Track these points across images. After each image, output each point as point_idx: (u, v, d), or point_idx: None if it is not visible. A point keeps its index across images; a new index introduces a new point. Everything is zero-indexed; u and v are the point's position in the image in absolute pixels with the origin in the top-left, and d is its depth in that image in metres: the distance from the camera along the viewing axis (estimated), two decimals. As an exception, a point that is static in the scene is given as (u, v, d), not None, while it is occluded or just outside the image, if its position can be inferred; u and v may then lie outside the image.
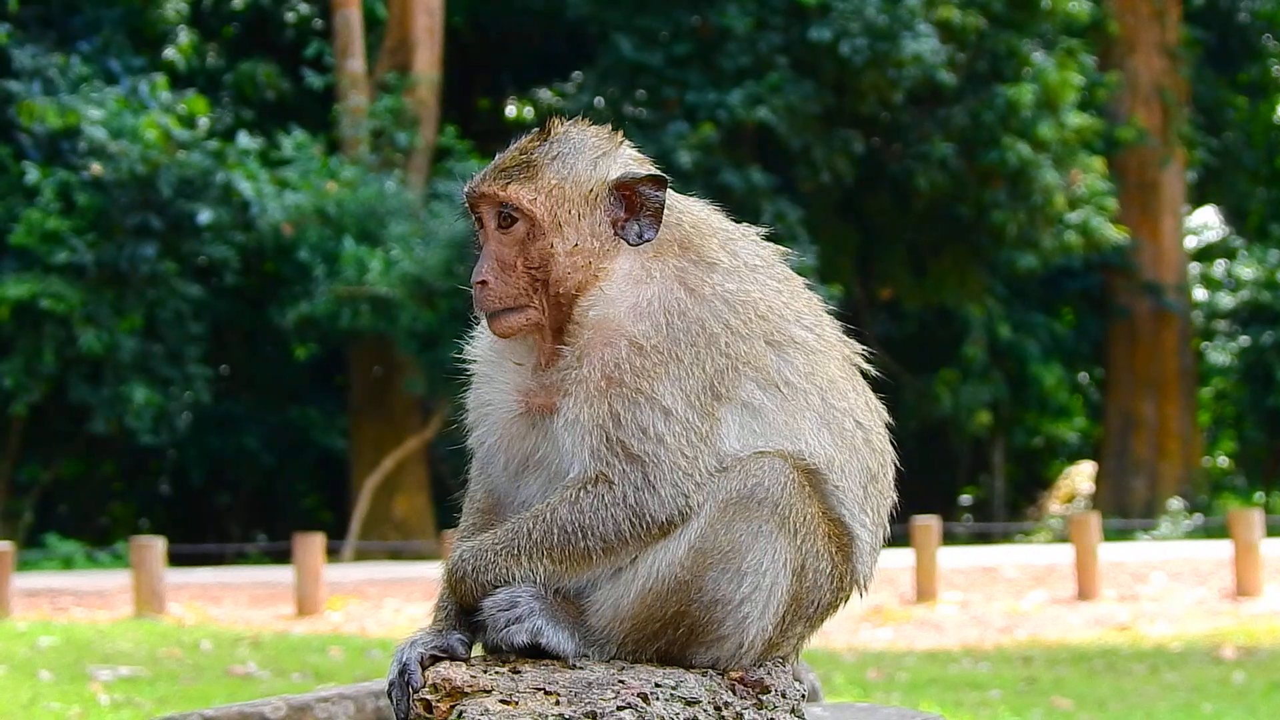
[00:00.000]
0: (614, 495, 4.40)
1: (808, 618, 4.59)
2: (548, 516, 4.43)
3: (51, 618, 23.58)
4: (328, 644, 19.89)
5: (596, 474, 4.41)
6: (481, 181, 4.65)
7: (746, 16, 37.92)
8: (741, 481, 4.42)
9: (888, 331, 44.60)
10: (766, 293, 4.65)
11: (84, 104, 35.80)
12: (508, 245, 4.60)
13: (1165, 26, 45.16)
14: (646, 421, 4.41)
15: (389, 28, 40.37)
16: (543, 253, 4.56)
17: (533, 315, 4.59)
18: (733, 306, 4.56)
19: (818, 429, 4.60)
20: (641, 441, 4.40)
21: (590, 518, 4.40)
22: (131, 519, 44.08)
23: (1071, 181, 39.03)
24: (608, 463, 4.40)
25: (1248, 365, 46.11)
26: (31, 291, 34.39)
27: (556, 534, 4.41)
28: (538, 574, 4.44)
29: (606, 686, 4.32)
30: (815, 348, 4.67)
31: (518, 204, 4.57)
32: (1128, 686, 16.19)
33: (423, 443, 37.99)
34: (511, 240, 4.60)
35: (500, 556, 4.45)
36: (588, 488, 4.41)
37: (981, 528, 41.46)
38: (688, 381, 4.45)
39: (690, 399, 4.44)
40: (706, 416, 4.46)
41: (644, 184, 4.59)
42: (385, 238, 34.96)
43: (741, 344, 4.53)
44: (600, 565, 4.45)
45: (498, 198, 4.60)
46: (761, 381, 4.55)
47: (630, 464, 4.40)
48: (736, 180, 36.07)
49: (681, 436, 4.42)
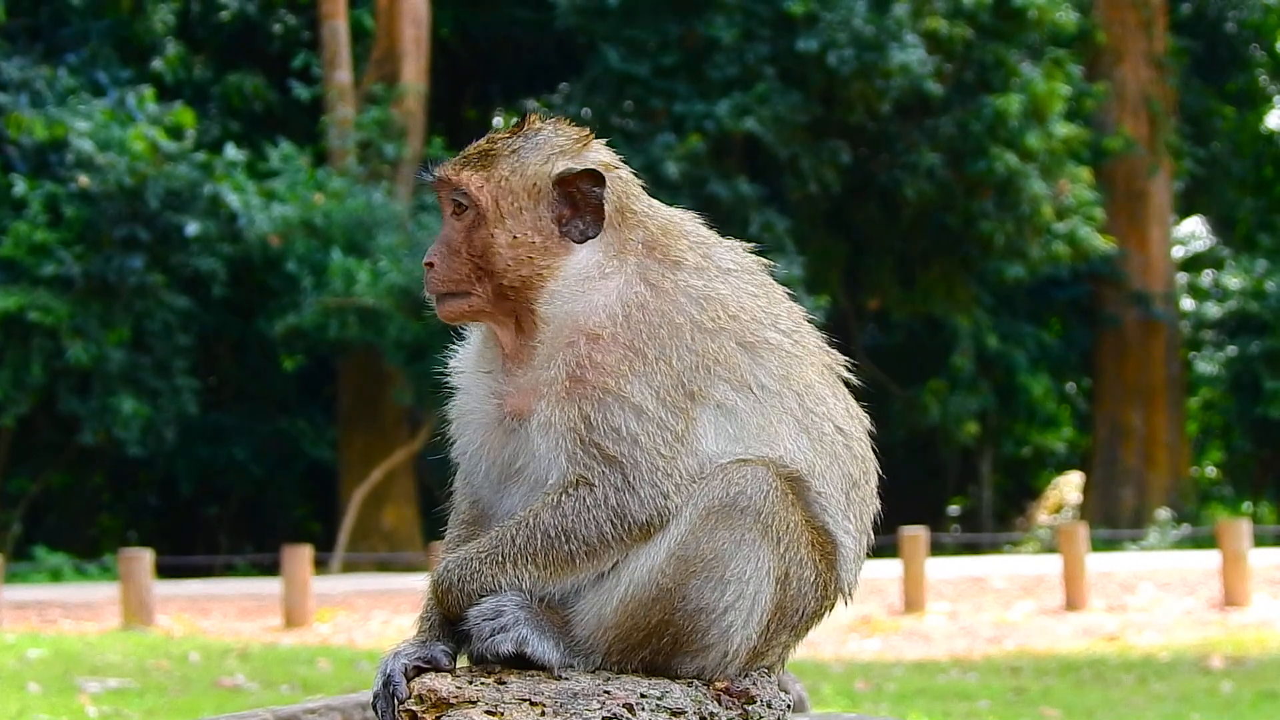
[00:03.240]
0: (595, 498, 4.38)
1: (793, 626, 4.57)
2: (531, 522, 4.42)
3: (40, 630, 23.54)
4: (316, 655, 19.87)
5: (576, 477, 4.40)
6: (441, 166, 4.69)
7: (734, 27, 37.94)
8: (724, 490, 4.39)
9: (875, 342, 44.66)
10: (739, 295, 4.61)
11: (71, 116, 35.79)
12: (457, 231, 4.63)
13: (1153, 36, 45.25)
14: (618, 422, 4.40)
15: (376, 39, 40.37)
16: (484, 241, 4.58)
17: (475, 303, 4.61)
18: (698, 302, 4.52)
19: (796, 434, 4.57)
20: (616, 443, 4.39)
21: (573, 521, 4.39)
22: (120, 530, 44.03)
23: (1059, 191, 39.07)
24: (586, 465, 4.39)
25: (1235, 375, 46.17)
26: (19, 304, 34.35)
27: (540, 539, 4.40)
28: (523, 581, 4.42)
29: (592, 697, 4.32)
30: (791, 352, 4.63)
31: (465, 189, 4.60)
32: (1116, 696, 16.20)
33: (411, 454, 37.96)
34: (461, 226, 4.62)
35: (485, 564, 4.44)
36: (569, 491, 4.40)
37: (970, 538, 41.49)
38: (654, 378, 4.42)
39: (660, 396, 4.42)
40: (680, 415, 4.43)
41: (583, 179, 4.58)
42: (373, 249, 34.94)
43: (709, 341, 4.49)
44: (584, 569, 4.43)
45: (450, 182, 4.64)
46: (734, 383, 4.51)
47: (608, 466, 4.38)
48: (724, 191, 36.11)
49: (656, 436, 4.40)
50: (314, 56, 40.73)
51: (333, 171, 37.18)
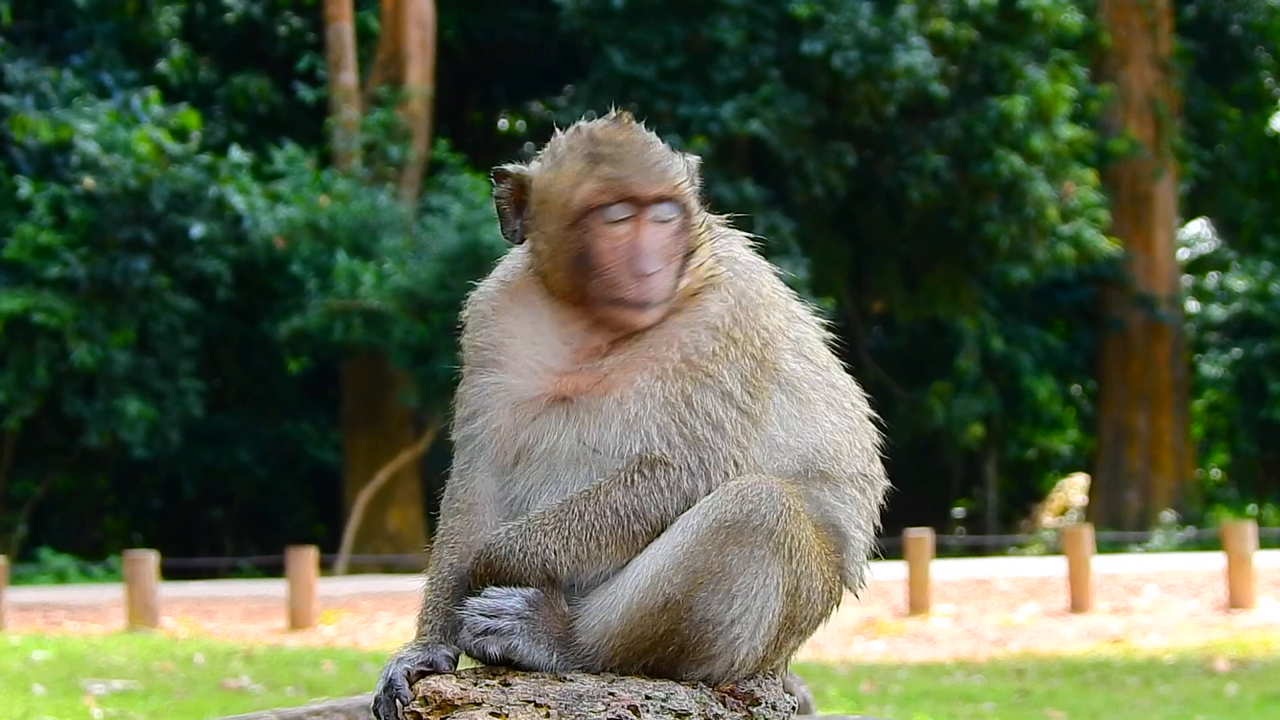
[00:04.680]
0: (670, 479, 4.40)
1: (800, 633, 4.58)
2: (602, 499, 4.39)
3: (44, 632, 23.55)
4: (321, 657, 19.87)
5: (657, 455, 4.40)
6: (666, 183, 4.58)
7: (739, 30, 37.94)
8: (737, 507, 4.35)
9: (880, 345, 44.64)
10: (790, 303, 4.80)
11: (76, 118, 35.82)
12: (666, 238, 4.54)
13: (1158, 39, 45.21)
14: (712, 406, 4.44)
15: (381, 41, 40.38)
16: (689, 241, 4.58)
17: (667, 306, 4.54)
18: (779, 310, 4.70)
19: (826, 410, 4.69)
20: (705, 426, 4.42)
21: (645, 501, 4.38)
22: (124, 533, 44.02)
23: (1064, 194, 39.03)
24: (671, 444, 4.41)
25: (1240, 377, 46.13)
26: (24, 306, 34.37)
27: (610, 517, 4.38)
28: (582, 559, 4.40)
29: (597, 699, 4.31)
30: (812, 366, 4.76)
31: (683, 199, 4.61)
32: (1121, 699, 16.18)
33: (415, 456, 37.95)
34: (666, 232, 4.55)
35: (550, 537, 4.40)
36: (643, 470, 4.40)
37: (974, 540, 41.45)
38: (749, 372, 4.51)
39: (749, 390, 4.49)
40: (760, 408, 4.52)
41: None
42: (378, 251, 34.94)
43: (783, 346, 4.66)
44: (639, 551, 4.42)
45: (673, 198, 4.58)
46: (780, 382, 4.63)
47: (691, 449, 4.41)
48: (729, 193, 36.07)
49: (738, 424, 4.46)
50: (319, 59, 40.76)
51: (338, 174, 37.17)
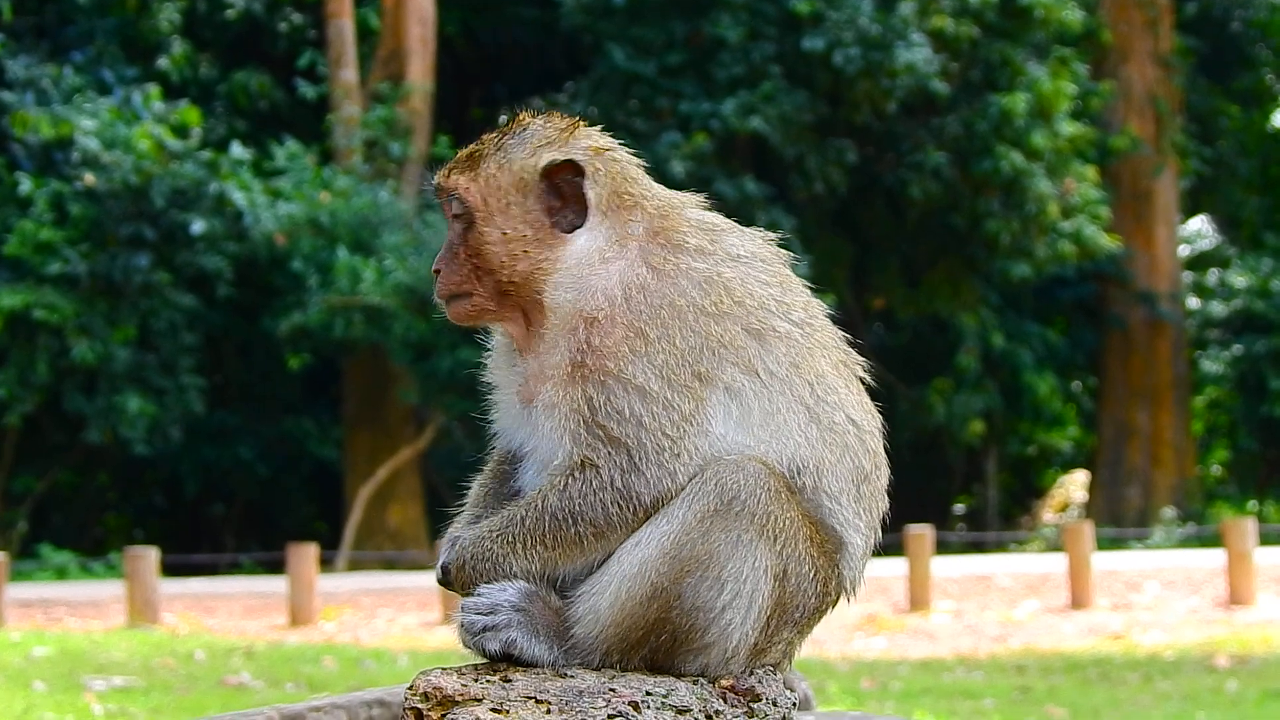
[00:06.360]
0: (600, 480, 4.40)
1: (794, 622, 4.55)
2: (539, 505, 4.44)
3: (45, 628, 23.56)
4: (321, 654, 19.88)
5: (581, 459, 4.41)
6: (439, 172, 4.75)
7: (740, 26, 37.93)
8: (719, 491, 4.37)
9: (881, 341, 44.60)
10: (746, 281, 4.60)
11: (77, 114, 35.82)
12: (456, 234, 4.68)
13: (1158, 35, 45.19)
14: (622, 404, 4.41)
15: (382, 38, 40.39)
16: (478, 241, 4.61)
17: (478, 302, 4.64)
18: (700, 285, 4.52)
19: (805, 423, 4.56)
20: (620, 425, 4.40)
21: (579, 504, 4.40)
22: (125, 529, 44.05)
23: (1065, 190, 39.04)
24: (591, 447, 4.41)
25: (1241, 374, 46.08)
26: (25, 302, 34.39)
27: (548, 521, 4.42)
28: (534, 562, 4.45)
29: (597, 695, 4.32)
30: (801, 342, 4.63)
31: (456, 193, 4.66)
32: (1121, 695, 16.19)
33: (416, 453, 37.98)
34: (459, 229, 4.67)
35: (497, 544, 4.47)
36: (574, 474, 4.42)
37: (975, 537, 41.45)
38: (658, 357, 4.43)
39: (664, 376, 4.42)
40: (687, 395, 4.43)
41: (564, 170, 4.60)
42: (378, 248, 34.96)
43: (713, 324, 4.49)
44: (593, 550, 4.45)
45: (444, 188, 4.70)
46: (742, 367, 4.50)
47: (613, 448, 4.40)
48: (730, 190, 36.07)
49: (661, 417, 4.40)
50: (320, 55, 40.74)
51: (338, 170, 37.19)
